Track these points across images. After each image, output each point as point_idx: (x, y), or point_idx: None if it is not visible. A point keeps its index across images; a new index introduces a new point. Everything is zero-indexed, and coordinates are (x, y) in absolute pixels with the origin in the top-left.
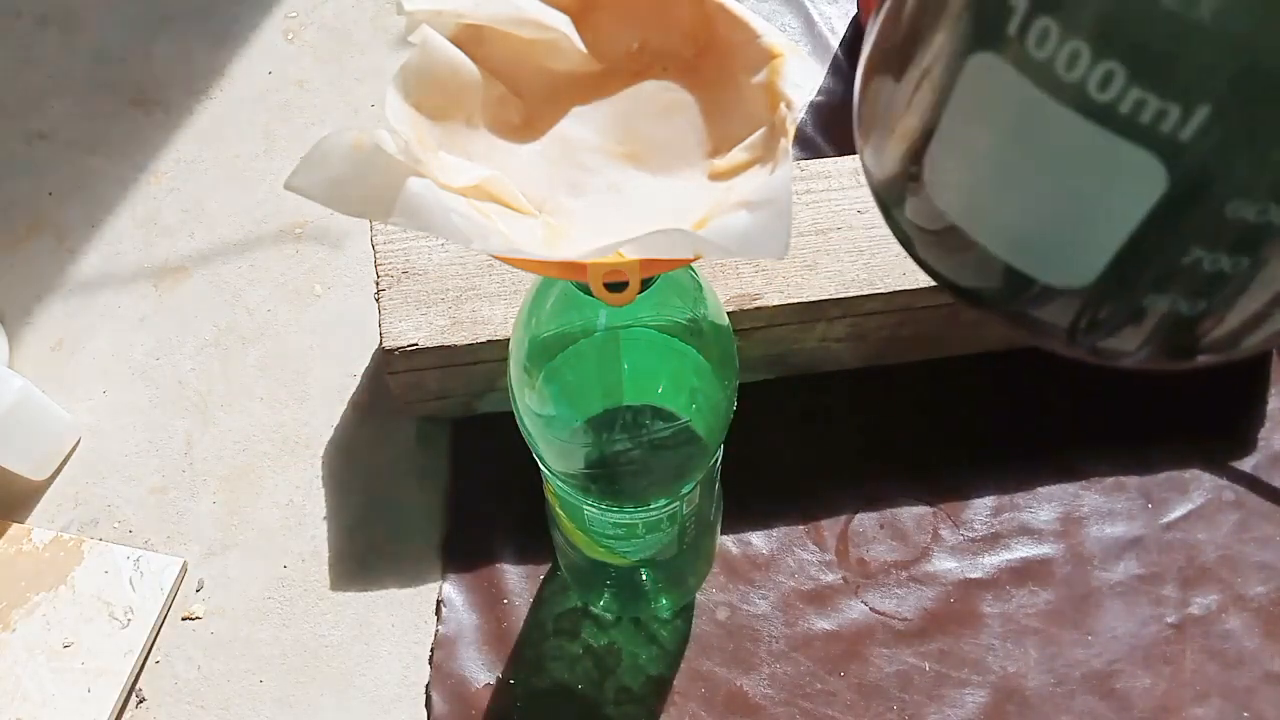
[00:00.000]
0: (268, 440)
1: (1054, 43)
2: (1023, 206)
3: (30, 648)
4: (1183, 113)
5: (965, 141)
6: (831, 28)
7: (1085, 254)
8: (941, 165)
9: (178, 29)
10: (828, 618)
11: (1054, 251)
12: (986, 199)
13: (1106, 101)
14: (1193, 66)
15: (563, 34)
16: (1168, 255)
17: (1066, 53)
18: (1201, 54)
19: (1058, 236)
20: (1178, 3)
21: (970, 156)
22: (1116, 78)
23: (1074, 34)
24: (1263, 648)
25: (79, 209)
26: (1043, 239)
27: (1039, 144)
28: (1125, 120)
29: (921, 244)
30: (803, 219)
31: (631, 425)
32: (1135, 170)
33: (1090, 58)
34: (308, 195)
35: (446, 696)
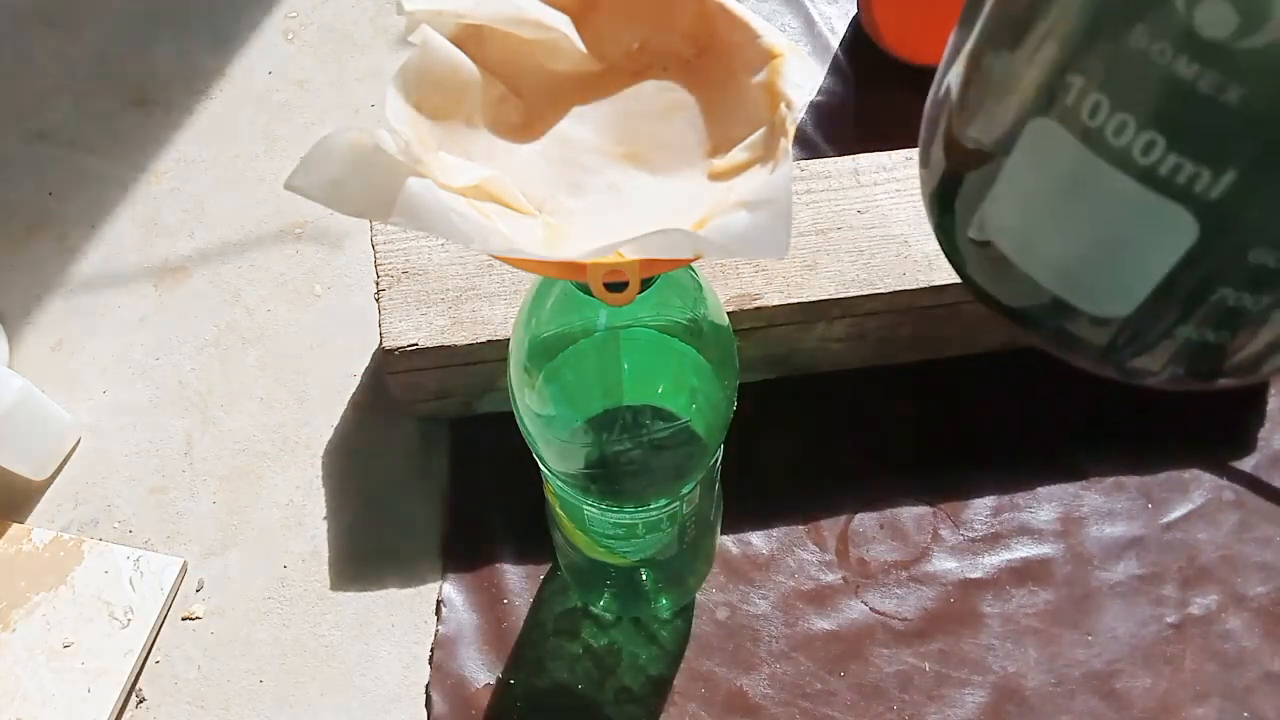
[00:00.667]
0: (268, 440)
1: (1104, 114)
2: (1071, 248)
3: (30, 648)
4: (1213, 176)
5: (1022, 190)
6: (831, 28)
7: (1125, 290)
8: (999, 208)
9: (178, 29)
10: (828, 618)
11: (1097, 287)
12: (1039, 239)
13: (1148, 164)
14: (1223, 139)
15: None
16: (1197, 293)
17: (1115, 123)
18: (1230, 129)
19: (1101, 275)
20: (1211, 88)
21: (1026, 203)
22: (1157, 145)
23: (1123, 109)
24: (1263, 648)
25: (79, 209)
26: (1087, 276)
27: (1088, 196)
28: (1163, 180)
29: (973, 265)
30: (803, 219)
31: (631, 425)
32: (1171, 222)
33: (1135, 128)
34: (308, 195)
35: (446, 696)
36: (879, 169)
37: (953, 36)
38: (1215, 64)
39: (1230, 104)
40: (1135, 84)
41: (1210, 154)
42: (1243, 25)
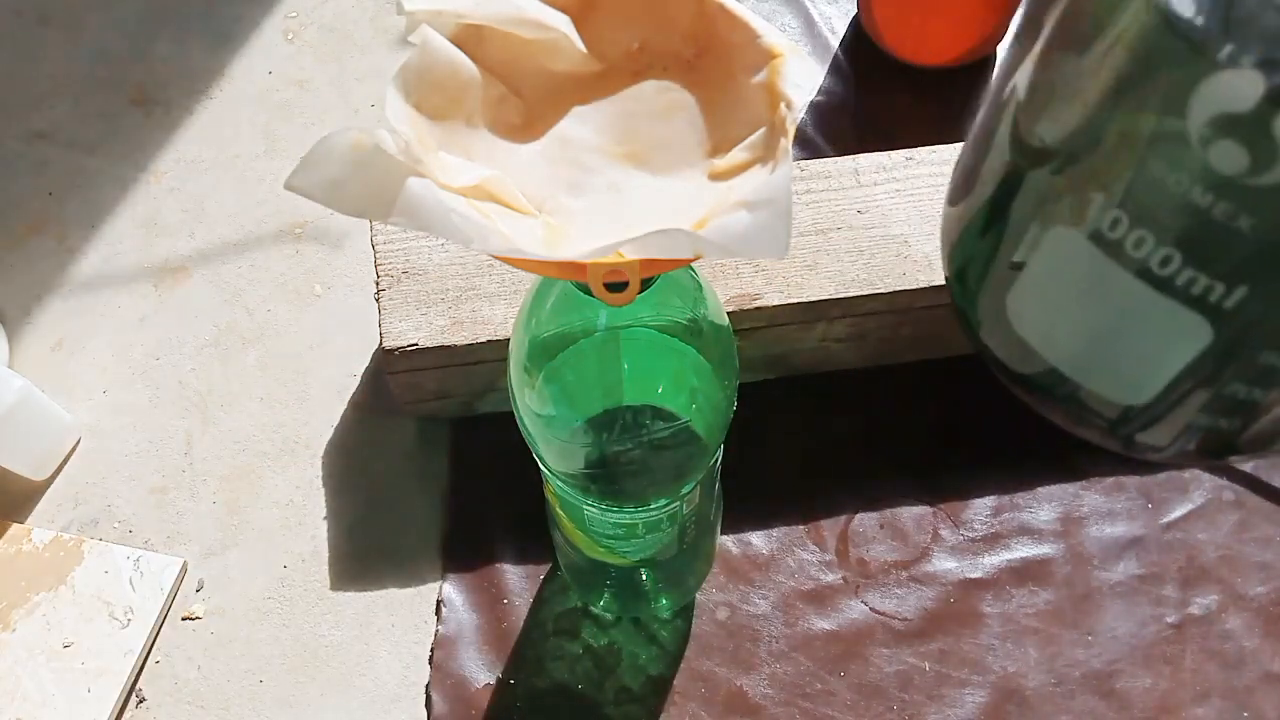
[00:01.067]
0: (268, 440)
1: (1125, 229)
2: (1090, 342)
3: (30, 648)
4: (1227, 290)
5: (1044, 288)
6: (831, 28)
7: (1140, 382)
8: (1021, 299)
9: (178, 29)
10: (828, 618)
11: (1113, 377)
12: (1058, 331)
13: (1165, 276)
14: (1236, 259)
15: (563, 34)
16: (1210, 386)
17: (1135, 237)
18: (1242, 252)
19: (1118, 367)
20: (1224, 216)
21: (1047, 299)
22: (1174, 260)
23: (1142, 226)
24: (1263, 648)
25: (79, 209)
26: (1104, 367)
27: (1108, 299)
28: (1179, 290)
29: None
30: (803, 219)
31: (631, 425)
32: (1186, 327)
33: (1154, 244)
34: (308, 195)
35: (446, 696)
36: (879, 169)
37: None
38: (1228, 196)
39: (1242, 230)
40: (1154, 206)
41: (1224, 271)
42: (1254, 165)
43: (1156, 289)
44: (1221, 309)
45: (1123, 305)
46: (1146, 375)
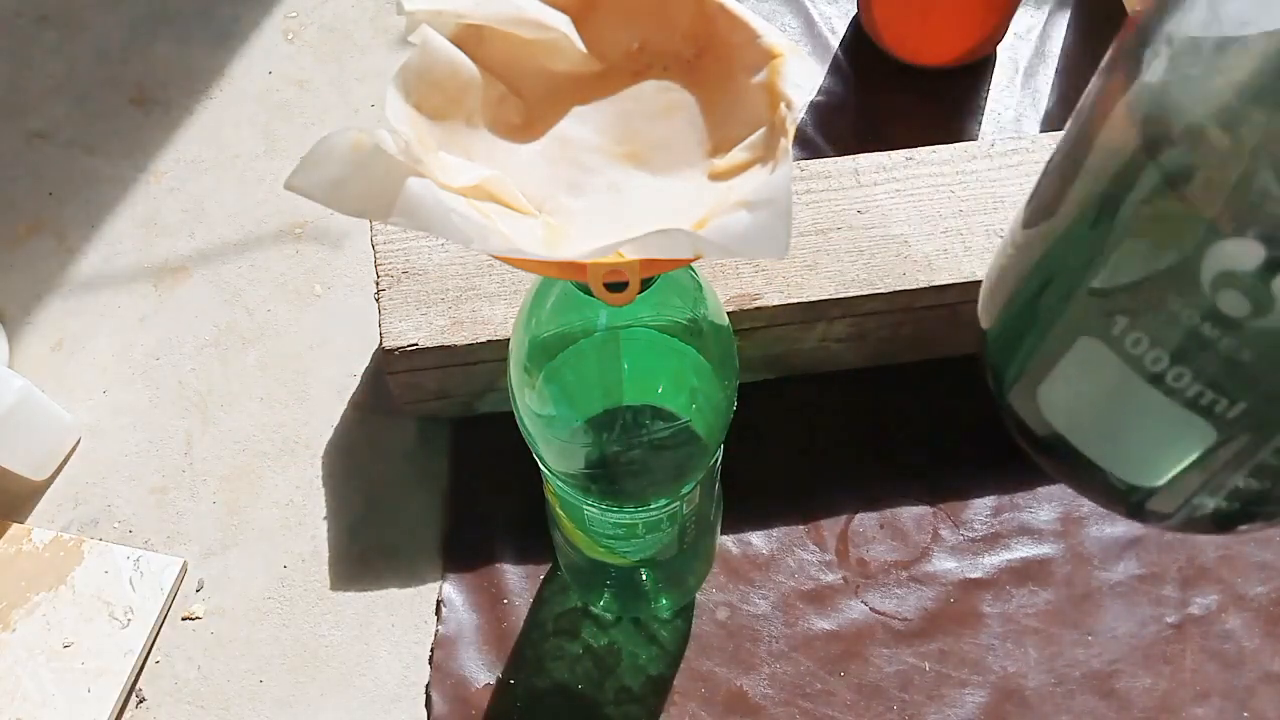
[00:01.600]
0: (268, 440)
1: (1144, 347)
2: (1108, 431)
3: (30, 648)
4: (1230, 404)
5: (1074, 383)
6: (831, 28)
7: (1152, 468)
8: (1050, 389)
9: (178, 29)
10: (828, 618)
11: (1128, 463)
12: (1081, 418)
13: (1177, 387)
14: (1238, 382)
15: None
16: (1215, 477)
17: (1152, 355)
18: (1244, 377)
19: (1132, 454)
20: (1228, 349)
21: (1073, 392)
22: (1185, 376)
23: (1158, 346)
24: (1263, 648)
25: (79, 209)
26: (1120, 452)
27: (1127, 400)
28: (1189, 399)
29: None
30: (803, 219)
31: (631, 425)
32: (1194, 429)
33: (1169, 362)
34: (308, 195)
35: (446, 696)
36: (879, 169)
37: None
38: (1232, 332)
39: (1244, 360)
40: (1170, 333)
41: (1228, 389)
42: (1254, 311)
43: (1169, 396)
44: (1225, 417)
45: (1140, 406)
46: (1158, 463)
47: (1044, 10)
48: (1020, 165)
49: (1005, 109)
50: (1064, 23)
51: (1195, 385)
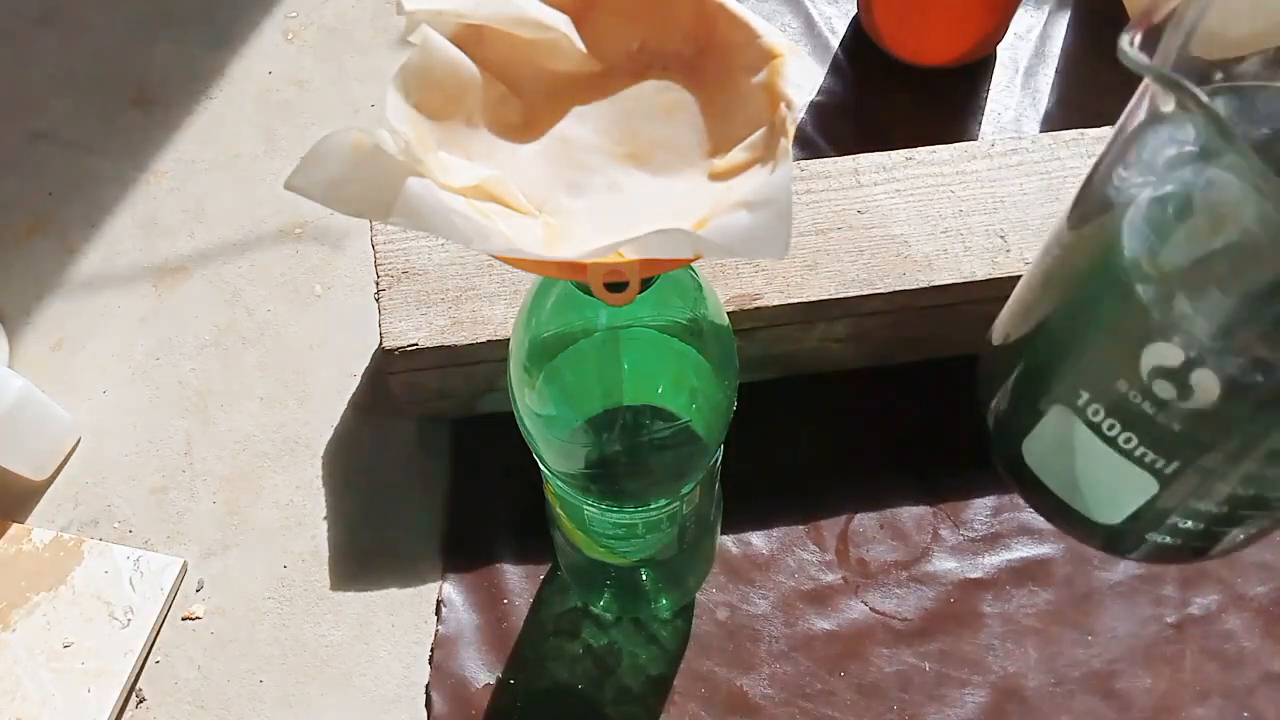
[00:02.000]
0: (268, 440)
1: (1101, 416)
2: (1076, 479)
3: (30, 648)
4: (1167, 462)
5: (1049, 441)
6: (831, 28)
7: (1112, 510)
8: (1032, 441)
9: (178, 29)
10: (828, 618)
11: (1092, 504)
12: (1054, 468)
13: (1127, 449)
14: (1173, 446)
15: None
16: (1161, 518)
17: (1108, 423)
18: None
19: (1094, 499)
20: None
21: (1048, 447)
22: (1134, 440)
23: (1112, 417)
24: (1263, 648)
25: (79, 209)
26: (1085, 497)
27: (1089, 456)
28: (1136, 458)
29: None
30: (803, 219)
31: (631, 425)
32: (1142, 481)
33: (1120, 429)
34: (308, 195)
35: (446, 696)
36: (879, 169)
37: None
38: (1164, 409)
39: (1175, 430)
40: (1120, 406)
41: (1165, 451)
42: (1179, 395)
43: (1121, 455)
44: (1164, 473)
45: (1100, 461)
46: (1116, 506)
47: (1044, 10)
48: (1020, 165)
49: (1005, 109)
50: (1064, 23)
51: (1140, 447)
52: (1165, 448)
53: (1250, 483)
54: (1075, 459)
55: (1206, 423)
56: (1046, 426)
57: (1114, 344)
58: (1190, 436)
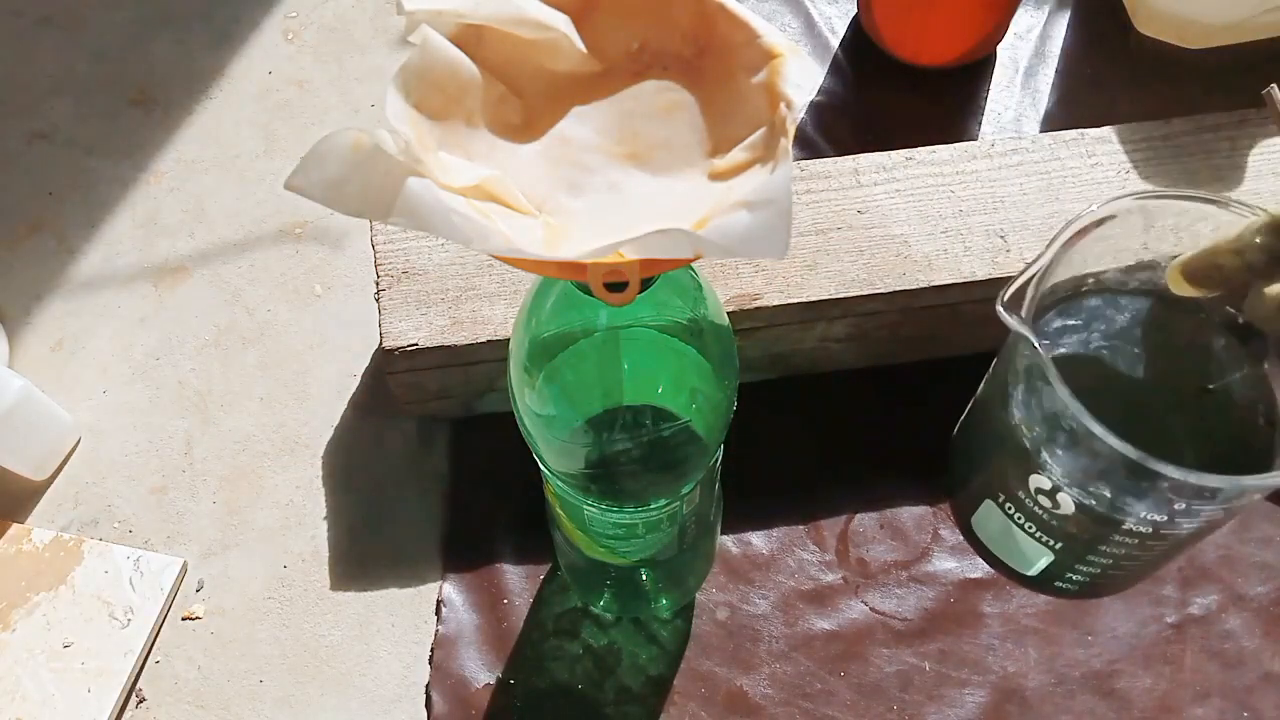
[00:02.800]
0: (268, 440)
1: (1012, 511)
2: (1005, 546)
3: (30, 648)
4: (1054, 541)
5: (984, 520)
6: (831, 28)
7: (1030, 568)
8: (976, 521)
9: (178, 29)
10: (828, 618)
11: (1017, 563)
12: (992, 537)
13: (1030, 532)
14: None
15: (563, 34)
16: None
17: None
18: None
19: (1017, 561)
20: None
21: (985, 524)
22: (1033, 527)
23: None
24: (1263, 648)
25: (79, 209)
26: (1012, 558)
27: (1010, 533)
28: (1037, 539)
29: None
30: (803, 219)
31: (631, 425)
32: (1043, 550)
33: (1024, 519)
34: (307, 195)
35: (446, 696)
36: (879, 169)
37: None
38: (1046, 512)
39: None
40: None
41: (1051, 536)
42: (1052, 506)
43: (1028, 535)
44: (1055, 549)
45: (1017, 537)
46: (1032, 566)
47: (1044, 10)
48: (1020, 165)
49: (1005, 109)
50: (1064, 23)
51: (1038, 531)
52: (1051, 534)
53: (1102, 555)
54: (1002, 534)
55: (1070, 523)
56: (983, 512)
57: (1015, 469)
58: (1063, 530)
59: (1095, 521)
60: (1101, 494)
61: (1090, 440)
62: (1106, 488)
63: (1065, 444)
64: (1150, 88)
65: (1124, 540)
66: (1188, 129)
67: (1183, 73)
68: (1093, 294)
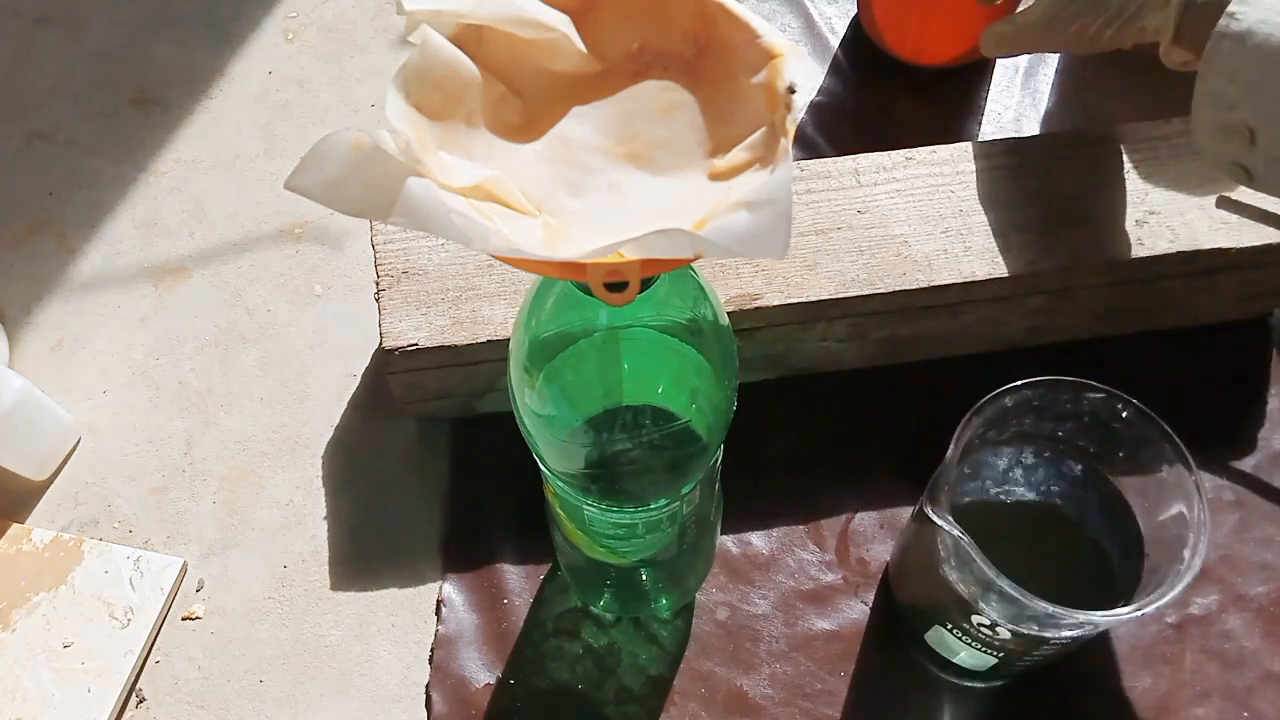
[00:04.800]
0: (268, 440)
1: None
2: (953, 654)
3: (30, 648)
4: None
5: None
6: (831, 28)
7: (979, 667)
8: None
9: (178, 29)
10: (828, 618)
11: (967, 666)
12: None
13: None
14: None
15: (563, 34)
16: (1003, 669)
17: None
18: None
19: (967, 665)
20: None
21: (936, 640)
22: (977, 644)
23: (965, 636)
24: (1263, 648)
25: (79, 209)
26: (960, 663)
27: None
28: (981, 649)
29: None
30: (803, 219)
31: (631, 425)
32: (988, 657)
33: (970, 640)
34: (308, 195)
35: (446, 696)
36: (879, 169)
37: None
38: (988, 635)
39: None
40: (967, 632)
41: (994, 650)
42: (992, 633)
43: (975, 647)
44: (999, 655)
45: (966, 648)
46: (981, 665)
47: None
48: (1020, 165)
49: (1005, 109)
50: None
51: (983, 647)
52: (993, 648)
53: (1035, 657)
54: (952, 646)
55: (1010, 642)
56: (934, 632)
57: (957, 608)
58: (1003, 646)
59: (1028, 643)
60: (1030, 628)
61: (1018, 601)
62: (1034, 624)
63: (996, 600)
64: (1150, 88)
65: (1052, 646)
66: (1187, 129)
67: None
68: (980, 449)
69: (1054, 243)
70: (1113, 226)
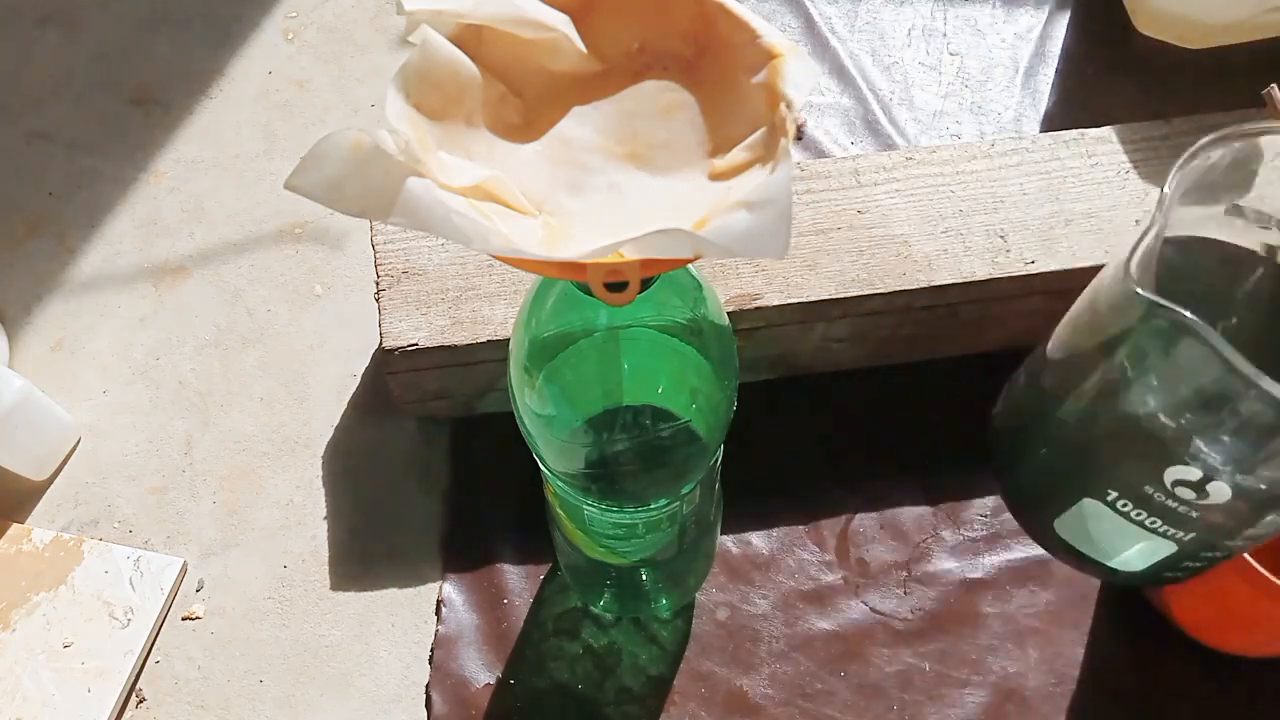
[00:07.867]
0: (268, 440)
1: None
2: (1108, 549)
3: (30, 648)
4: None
5: (1079, 523)
6: (831, 28)
7: (1135, 565)
8: (1064, 524)
9: (178, 29)
10: (828, 618)
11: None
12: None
13: (1151, 528)
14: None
15: (563, 34)
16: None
17: (1135, 511)
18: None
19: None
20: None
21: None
22: (1158, 522)
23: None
24: None
25: (79, 209)
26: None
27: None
28: (1160, 533)
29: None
30: (803, 219)
31: (631, 425)
32: (1163, 545)
33: (1146, 514)
34: (308, 195)
35: (446, 696)
36: (879, 169)
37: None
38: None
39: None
40: (1146, 502)
41: (1184, 527)
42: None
43: (1148, 530)
44: (1182, 540)
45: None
46: (1141, 563)
47: (1044, 10)
48: (1020, 165)
49: (1005, 109)
50: (1064, 23)
51: (1164, 526)
52: (1183, 525)
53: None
54: (1104, 533)
55: (1217, 511)
56: (1078, 511)
57: (1140, 464)
58: (1203, 519)
59: (1253, 506)
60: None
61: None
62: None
63: (1232, 427)
64: (1150, 88)
65: (1266, 528)
66: (1188, 129)
67: (1182, 73)
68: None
69: (1054, 243)
70: (1112, 227)
